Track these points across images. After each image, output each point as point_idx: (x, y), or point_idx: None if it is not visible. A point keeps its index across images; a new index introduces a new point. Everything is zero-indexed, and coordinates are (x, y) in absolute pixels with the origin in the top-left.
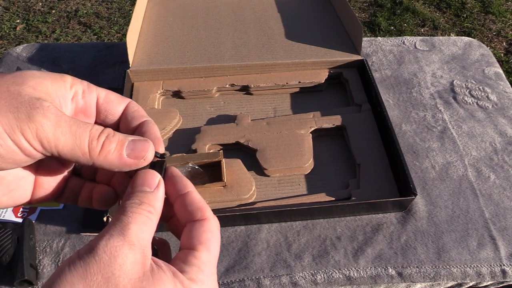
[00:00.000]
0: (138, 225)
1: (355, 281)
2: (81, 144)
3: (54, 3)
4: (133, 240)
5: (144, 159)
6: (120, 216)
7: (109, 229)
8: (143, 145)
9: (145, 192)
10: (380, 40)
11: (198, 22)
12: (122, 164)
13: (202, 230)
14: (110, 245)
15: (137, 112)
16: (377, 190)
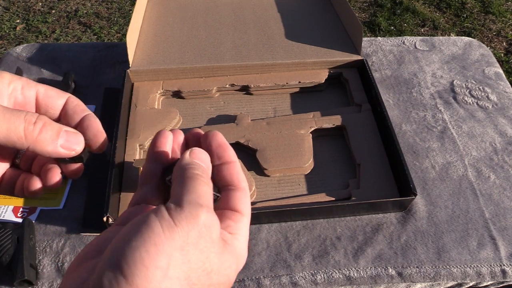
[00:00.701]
0: (211, 199)
1: (355, 281)
2: (16, 129)
3: (54, 3)
4: (216, 215)
5: (74, 152)
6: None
7: (198, 199)
8: (75, 138)
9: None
10: (380, 40)
11: (198, 22)
12: (55, 152)
13: (247, 199)
14: (208, 219)
15: (77, 107)
16: (377, 190)
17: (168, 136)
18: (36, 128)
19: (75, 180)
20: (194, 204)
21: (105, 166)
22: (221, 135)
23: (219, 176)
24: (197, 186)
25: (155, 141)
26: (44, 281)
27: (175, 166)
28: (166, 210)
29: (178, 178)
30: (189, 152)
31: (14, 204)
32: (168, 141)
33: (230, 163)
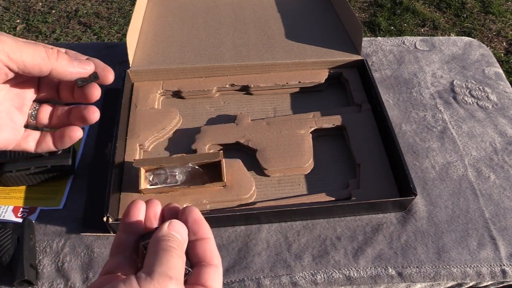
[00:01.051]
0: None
1: (355, 281)
2: (40, 51)
3: (54, 3)
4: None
5: (87, 70)
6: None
7: (169, 271)
8: (85, 61)
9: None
10: (380, 40)
11: (198, 22)
12: (74, 71)
13: (218, 275)
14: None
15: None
16: (377, 190)
17: (141, 206)
18: (54, 52)
19: (75, 180)
20: (164, 275)
21: (105, 166)
22: (197, 211)
23: (193, 251)
24: (170, 259)
25: (128, 212)
26: (44, 281)
27: (152, 237)
28: (136, 279)
29: (153, 249)
30: (168, 224)
31: (14, 204)
32: (141, 211)
33: (204, 239)
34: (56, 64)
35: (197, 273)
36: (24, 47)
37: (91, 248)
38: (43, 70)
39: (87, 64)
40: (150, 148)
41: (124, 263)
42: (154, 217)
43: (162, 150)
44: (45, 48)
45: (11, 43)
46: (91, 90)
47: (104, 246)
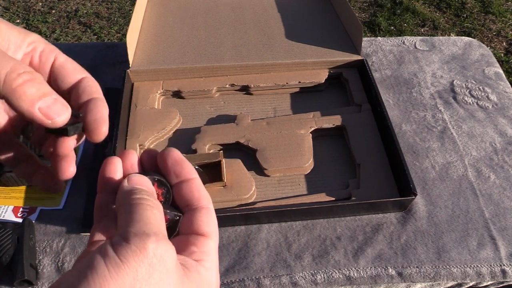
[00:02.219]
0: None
1: (355, 281)
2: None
3: (54, 3)
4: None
5: (51, 122)
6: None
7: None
8: (60, 109)
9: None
10: (380, 40)
11: (198, 22)
12: (29, 112)
13: (211, 218)
14: (158, 249)
15: (89, 87)
16: (377, 190)
17: (116, 162)
18: (19, 78)
19: (75, 180)
20: (140, 235)
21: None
22: (177, 152)
23: (179, 195)
24: (143, 213)
25: (103, 170)
26: (44, 281)
27: (117, 196)
28: (111, 246)
29: (121, 207)
30: (127, 179)
31: (14, 204)
32: (118, 167)
33: (188, 180)
34: (10, 93)
35: (187, 220)
36: None
37: None
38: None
39: (57, 113)
40: (144, 150)
41: (110, 225)
42: (132, 167)
43: None
44: (11, 69)
45: None
46: (61, 164)
47: None
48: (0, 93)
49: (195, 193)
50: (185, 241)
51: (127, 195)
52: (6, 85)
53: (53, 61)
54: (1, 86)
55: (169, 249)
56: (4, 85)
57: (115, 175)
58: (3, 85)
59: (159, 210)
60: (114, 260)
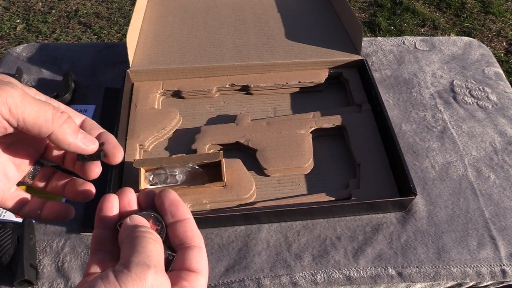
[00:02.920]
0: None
1: (355, 281)
2: (46, 113)
3: (54, 3)
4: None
5: (91, 148)
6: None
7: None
8: (92, 138)
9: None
10: (380, 40)
11: (198, 22)
12: (74, 143)
13: (202, 256)
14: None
15: (94, 125)
16: (377, 190)
17: (113, 199)
18: (63, 116)
19: None
20: (141, 265)
21: (105, 166)
22: (173, 193)
23: (173, 234)
24: (146, 245)
25: (100, 207)
26: (44, 281)
27: (121, 228)
28: (113, 273)
29: (126, 239)
30: (129, 218)
31: None
32: (114, 204)
33: (183, 220)
34: (58, 130)
35: (180, 257)
36: (30, 104)
37: None
38: (42, 132)
39: (91, 142)
40: (150, 148)
41: (107, 259)
42: (129, 205)
43: (162, 150)
44: (54, 110)
45: (17, 97)
46: (90, 167)
47: None
48: (48, 131)
49: (189, 233)
50: (177, 277)
51: (132, 228)
52: (54, 124)
53: None
54: (50, 125)
55: (165, 282)
56: (53, 124)
57: (111, 212)
58: (52, 124)
59: (160, 245)
60: (114, 285)
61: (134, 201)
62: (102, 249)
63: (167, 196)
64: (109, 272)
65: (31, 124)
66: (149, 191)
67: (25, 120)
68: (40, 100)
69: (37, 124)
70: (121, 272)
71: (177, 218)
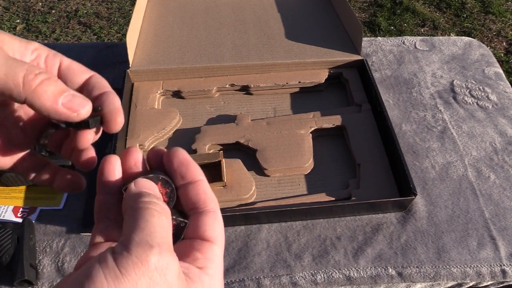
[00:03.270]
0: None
1: (355, 281)
2: (16, 75)
3: (54, 3)
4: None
5: (76, 114)
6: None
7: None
8: (81, 101)
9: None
10: (380, 40)
11: (198, 22)
12: (53, 109)
13: (218, 222)
14: (160, 262)
15: (99, 83)
16: (377, 190)
17: (114, 161)
18: (37, 78)
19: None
20: (143, 245)
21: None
22: (183, 152)
23: (185, 198)
24: (149, 219)
25: (101, 171)
26: (44, 281)
27: (124, 197)
28: (111, 256)
29: (128, 210)
30: (134, 183)
31: (14, 204)
32: (116, 167)
33: (195, 182)
34: (32, 94)
35: (193, 224)
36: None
37: None
38: (13, 97)
39: (80, 106)
40: (150, 148)
41: (110, 228)
42: (136, 165)
43: None
44: (27, 71)
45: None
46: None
47: None
48: (20, 96)
49: (202, 196)
50: (189, 246)
51: (135, 198)
52: (25, 87)
53: (59, 64)
54: (21, 89)
55: (171, 262)
56: (24, 88)
57: (114, 175)
58: (23, 88)
59: (166, 216)
60: (113, 271)
61: (140, 161)
62: (106, 216)
63: (176, 155)
64: (108, 255)
65: (0, 89)
66: (158, 150)
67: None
68: (13, 60)
69: (6, 88)
70: (120, 254)
71: (188, 179)
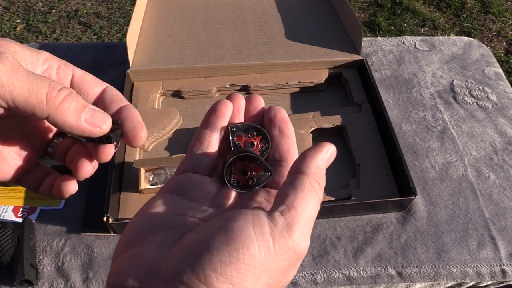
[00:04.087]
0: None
1: (355, 281)
2: (38, 92)
3: (54, 3)
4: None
5: (99, 129)
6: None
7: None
8: (103, 116)
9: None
10: (380, 40)
11: (198, 22)
12: (77, 125)
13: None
14: (303, 250)
15: (115, 96)
16: (377, 190)
17: (229, 105)
18: (60, 95)
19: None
20: (301, 234)
21: (105, 166)
22: (285, 112)
23: (277, 149)
24: (310, 208)
25: (213, 108)
26: (44, 281)
27: (295, 163)
28: (269, 227)
29: (295, 182)
30: (326, 150)
31: (14, 204)
32: (228, 110)
33: (288, 138)
34: (55, 111)
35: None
36: (19, 82)
37: (91, 248)
38: (36, 114)
39: (101, 121)
40: (150, 148)
41: (207, 160)
42: (238, 110)
43: (162, 150)
44: (50, 88)
45: (4, 73)
46: (100, 148)
47: (104, 246)
48: (43, 113)
49: (291, 153)
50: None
51: (311, 174)
52: (49, 104)
53: (71, 76)
54: (44, 107)
55: (305, 250)
56: (47, 105)
57: (223, 118)
58: (46, 105)
59: (318, 204)
60: (268, 245)
61: (243, 107)
62: (202, 148)
63: (278, 111)
64: (265, 224)
65: (22, 105)
66: (258, 101)
67: (15, 101)
68: (34, 75)
69: (29, 105)
70: (280, 232)
71: (284, 133)
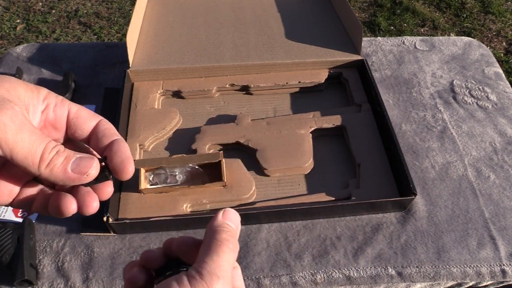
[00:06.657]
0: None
1: (355, 281)
2: (35, 154)
3: (54, 3)
4: (231, 284)
5: (87, 175)
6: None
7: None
8: (87, 162)
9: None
10: (380, 40)
11: (198, 22)
12: (66, 178)
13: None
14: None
15: (107, 130)
16: (377, 190)
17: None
18: (51, 154)
19: None
20: (212, 275)
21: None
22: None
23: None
24: (222, 254)
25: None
26: (44, 281)
27: (207, 227)
28: (187, 279)
29: (207, 241)
30: (222, 212)
31: None
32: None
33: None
34: (44, 171)
35: None
36: (23, 142)
37: (91, 248)
38: (30, 171)
39: (87, 167)
40: (150, 148)
41: None
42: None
43: (162, 150)
44: (45, 149)
45: (11, 132)
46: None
47: (104, 246)
48: (36, 172)
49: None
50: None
51: (217, 229)
52: (41, 165)
53: (67, 113)
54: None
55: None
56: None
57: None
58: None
59: (235, 253)
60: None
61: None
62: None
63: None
64: (184, 278)
65: (19, 163)
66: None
67: (13, 158)
68: (35, 136)
69: (25, 164)
70: (194, 278)
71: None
